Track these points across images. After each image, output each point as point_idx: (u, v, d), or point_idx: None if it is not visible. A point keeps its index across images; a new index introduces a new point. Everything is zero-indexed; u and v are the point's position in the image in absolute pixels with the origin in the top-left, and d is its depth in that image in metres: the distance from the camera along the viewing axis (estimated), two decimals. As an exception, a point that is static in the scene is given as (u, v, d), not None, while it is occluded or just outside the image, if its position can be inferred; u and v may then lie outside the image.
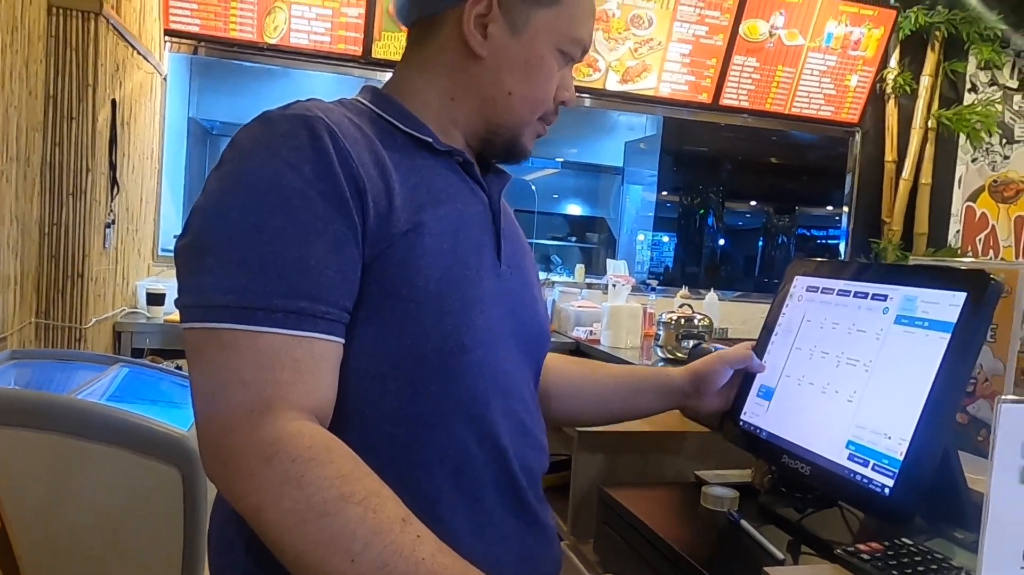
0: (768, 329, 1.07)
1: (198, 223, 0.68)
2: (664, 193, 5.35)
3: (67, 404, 1.70)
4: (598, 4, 3.74)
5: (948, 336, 0.79)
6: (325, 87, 4.28)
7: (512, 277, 0.84)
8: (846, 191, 4.50)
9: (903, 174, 4.31)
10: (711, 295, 3.35)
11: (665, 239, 5.55)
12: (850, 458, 0.85)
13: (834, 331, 0.95)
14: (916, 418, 0.78)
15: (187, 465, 1.69)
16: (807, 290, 1.03)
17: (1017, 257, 4.58)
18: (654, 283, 3.88)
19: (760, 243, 5.69)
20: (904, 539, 0.80)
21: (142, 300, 2.98)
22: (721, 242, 5.66)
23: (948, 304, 0.81)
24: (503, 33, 0.80)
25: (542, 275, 4.33)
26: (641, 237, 5.39)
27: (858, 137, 4.40)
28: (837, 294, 0.97)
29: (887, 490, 0.79)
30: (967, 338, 0.78)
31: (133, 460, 1.68)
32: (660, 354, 2.89)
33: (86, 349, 2.48)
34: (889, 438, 0.81)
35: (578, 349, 3.34)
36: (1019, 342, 1.05)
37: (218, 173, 0.70)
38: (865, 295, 0.92)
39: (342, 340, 0.69)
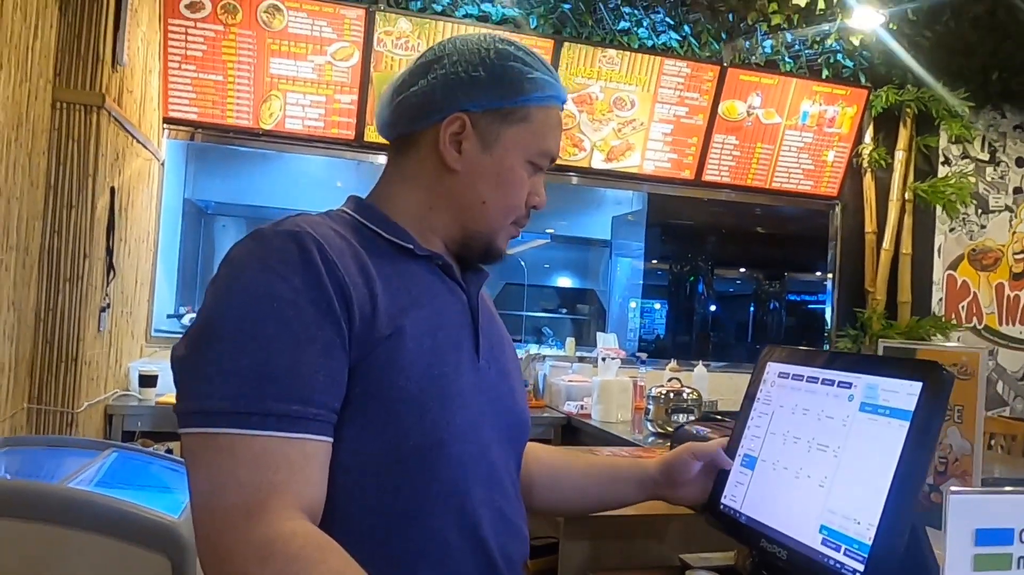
0: (744, 412, 1.10)
1: (196, 333, 0.73)
2: (654, 261, 5.44)
3: (56, 493, 1.70)
4: (582, 88, 3.90)
5: (907, 424, 0.83)
6: (318, 169, 4.41)
7: (491, 370, 0.89)
8: (829, 261, 4.60)
9: (883, 244, 4.42)
10: (699, 368, 3.39)
11: (656, 306, 5.60)
12: (823, 543, 0.88)
13: (804, 417, 0.99)
14: (882, 504, 0.82)
15: (177, 553, 1.68)
16: (779, 376, 1.07)
17: (1000, 323, 4.66)
18: (644, 356, 3.91)
19: (751, 309, 5.76)
20: (874, 624, 0.82)
21: (135, 382, 3.00)
22: (712, 308, 5.71)
23: (906, 393, 0.85)
24: (476, 149, 0.87)
25: (533, 348, 4.37)
26: (633, 304, 5.45)
27: (838, 210, 4.52)
28: (807, 381, 1.02)
29: (857, 574, 0.81)
30: (925, 426, 0.82)
31: (123, 549, 1.67)
32: (650, 428, 2.91)
33: (78, 433, 2.49)
34: (858, 523, 0.84)
35: (569, 424, 3.35)
36: (984, 422, 1.09)
37: (214, 286, 0.75)
38: (832, 382, 0.97)
39: (331, 439, 0.73)
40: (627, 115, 4.01)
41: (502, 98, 0.87)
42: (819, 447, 0.94)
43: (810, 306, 4.88)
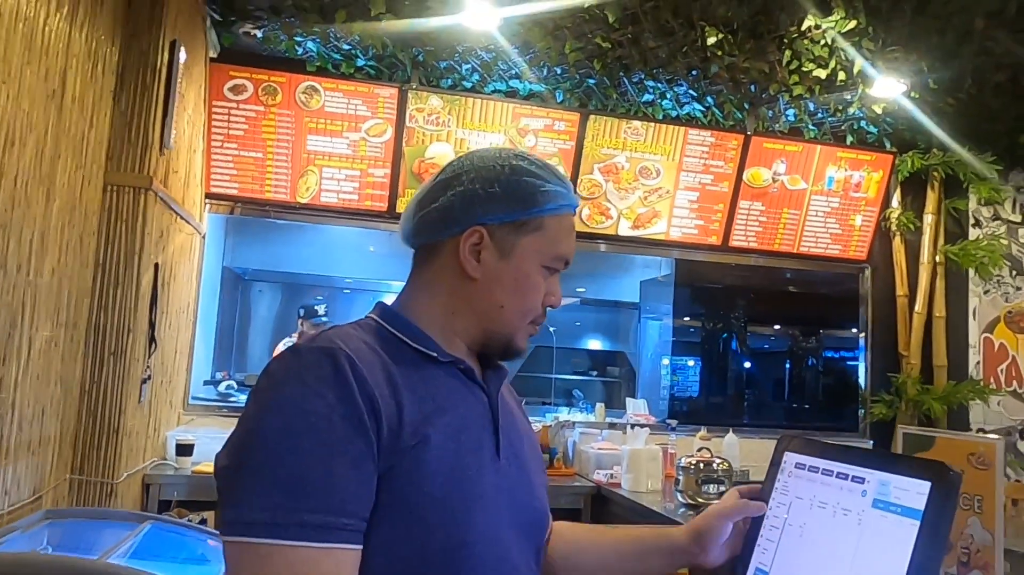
0: (764, 500, 1.12)
1: (238, 445, 0.79)
2: (686, 319, 5.42)
3: (96, 568, 1.75)
4: (608, 159, 3.99)
5: (918, 523, 0.85)
6: (352, 235, 4.53)
7: (511, 468, 0.92)
8: (860, 324, 4.56)
9: (916, 307, 4.39)
10: (730, 436, 3.36)
11: (690, 363, 5.55)
12: (840, 640, 0.88)
13: (822, 510, 1.01)
14: (896, 604, 0.83)
15: (208, 628, 1.72)
16: (796, 467, 1.09)
17: (1042, 387, 4.54)
18: (674, 423, 3.89)
19: (787, 365, 5.68)
20: None
21: (171, 451, 3.07)
22: (747, 365, 5.63)
23: (916, 492, 0.87)
24: (493, 258, 0.93)
25: (564, 413, 4.37)
26: (665, 362, 5.41)
27: (868, 273, 4.51)
28: (822, 473, 1.03)
29: (874, 677, 0.82)
30: (934, 526, 0.83)
31: (156, 625, 1.71)
32: (681, 499, 2.88)
33: (116, 503, 2.55)
34: (874, 622, 0.85)
35: (599, 493, 3.33)
36: (1003, 512, 1.09)
37: (255, 399, 0.81)
38: (847, 477, 0.99)
39: (360, 546, 0.78)
40: (653, 183, 4.08)
41: (517, 211, 0.93)
42: (834, 542, 0.96)
43: (848, 363, 4.80)
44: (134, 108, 2.67)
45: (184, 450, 3.05)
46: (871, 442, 4.40)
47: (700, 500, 2.79)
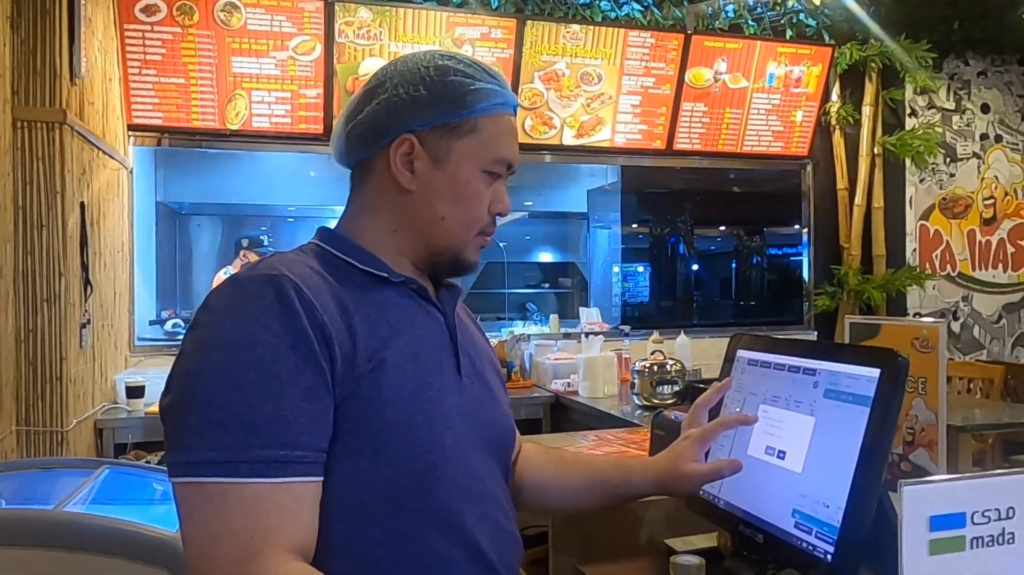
0: (719, 400, 1.14)
1: (179, 384, 0.75)
2: (633, 226, 5.45)
3: (52, 518, 1.72)
4: (548, 66, 3.89)
5: (868, 409, 0.87)
6: (291, 161, 4.38)
7: (474, 387, 0.91)
8: (803, 219, 4.65)
9: (856, 200, 4.48)
10: (681, 337, 3.44)
11: (640, 269, 5.61)
12: (796, 527, 0.92)
13: (775, 403, 1.03)
14: (848, 488, 0.85)
15: (177, 565, 1.71)
16: (749, 364, 1.11)
17: (973, 269, 4.74)
18: (627, 329, 3.95)
19: (733, 265, 5.80)
20: (846, 603, 0.86)
21: (122, 394, 3.00)
22: (695, 267, 5.73)
23: (866, 380, 0.88)
24: (428, 167, 0.88)
25: (518, 327, 4.40)
26: (616, 270, 5.48)
27: (809, 168, 4.56)
28: (774, 368, 1.05)
29: (829, 556, 0.85)
30: (884, 410, 0.85)
31: (124, 567, 1.70)
32: (637, 401, 2.96)
33: (69, 451, 2.50)
34: (827, 507, 0.88)
35: (558, 402, 3.39)
36: (946, 393, 1.13)
37: (194, 334, 0.77)
38: (798, 370, 1.00)
39: (320, 478, 0.76)
40: (595, 89, 4.00)
41: (447, 114, 0.87)
42: (789, 433, 0.98)
43: (792, 259, 4.92)
44: (36, 35, 2.47)
45: (135, 392, 2.99)
46: (815, 333, 4.56)
47: (655, 401, 2.87)
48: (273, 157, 4.25)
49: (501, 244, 5.52)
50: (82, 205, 2.68)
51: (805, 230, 4.66)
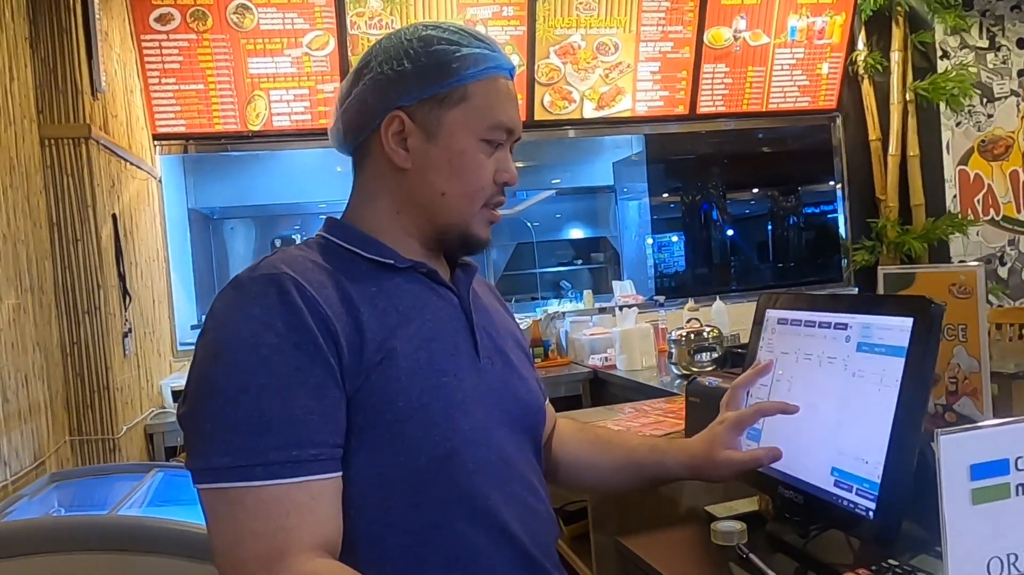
0: (749, 362, 1.12)
1: (191, 392, 0.76)
2: (664, 195, 5.37)
3: (108, 522, 1.77)
4: (562, 39, 3.84)
5: (903, 359, 0.84)
6: (315, 158, 4.40)
7: (494, 366, 0.90)
8: (836, 175, 4.54)
9: (890, 150, 4.35)
10: (717, 303, 3.39)
11: (674, 239, 5.53)
12: (836, 484, 0.90)
13: (808, 362, 1.00)
14: (886, 442, 0.83)
15: (231, 561, 1.75)
16: (778, 323, 1.08)
17: (1019, 211, 4.58)
18: (661, 299, 3.91)
19: (769, 227, 5.69)
20: (891, 561, 0.84)
21: (168, 399, 3.07)
22: (730, 233, 5.63)
23: (899, 329, 0.86)
24: (420, 142, 0.85)
25: (553, 306, 4.39)
26: (649, 241, 5.41)
27: (839, 121, 4.44)
28: (804, 325, 1.02)
29: (870, 513, 0.83)
30: (919, 360, 0.82)
31: (178, 565, 1.74)
32: (675, 371, 2.93)
33: (121, 458, 2.56)
34: (866, 463, 0.86)
35: (596, 377, 3.38)
36: (987, 338, 1.09)
37: (203, 341, 0.77)
38: (829, 325, 0.98)
39: (338, 473, 0.76)
40: (612, 59, 3.94)
41: (433, 84, 0.84)
42: (824, 390, 0.96)
43: (828, 216, 4.80)
44: (55, 53, 2.51)
45: (180, 396, 3.05)
46: (856, 289, 4.46)
47: (694, 370, 2.83)
48: (297, 155, 4.29)
49: (531, 224, 5.50)
50: (114, 217, 2.73)
51: (839, 185, 4.55)
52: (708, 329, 2.90)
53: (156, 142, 3.53)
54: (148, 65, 3.41)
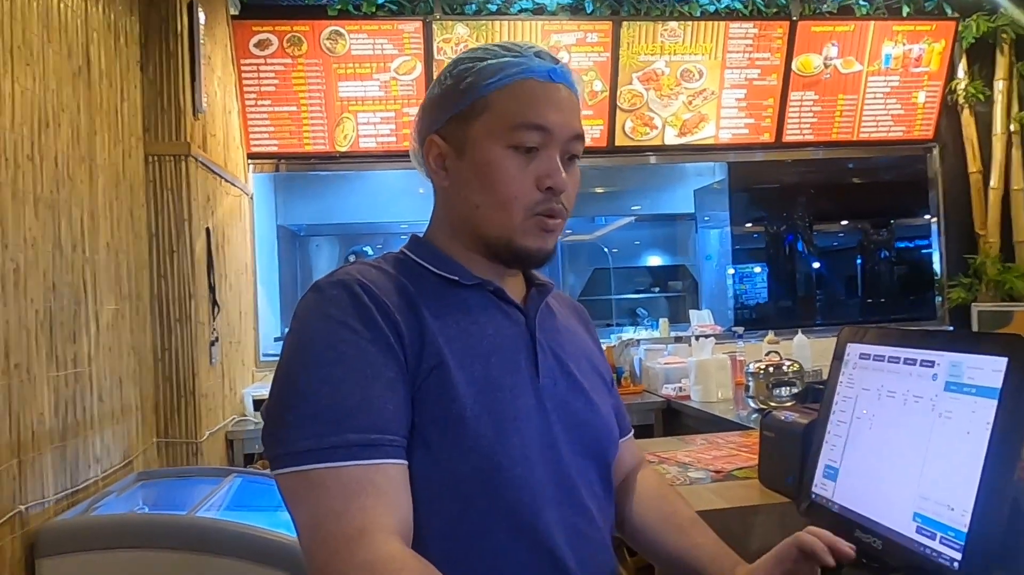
0: (828, 398, 1.07)
1: (276, 388, 0.80)
2: (748, 225, 5.25)
3: (187, 523, 1.84)
4: (646, 66, 3.83)
5: (996, 402, 0.79)
6: (399, 179, 4.52)
7: (556, 387, 0.89)
8: (932, 208, 4.34)
9: (991, 183, 4.13)
10: (799, 337, 3.28)
11: (756, 270, 5.39)
12: (918, 531, 0.84)
13: (891, 400, 0.95)
14: (975, 488, 0.78)
15: (298, 569, 1.79)
16: (860, 357, 1.04)
17: None
18: (740, 330, 3.82)
19: (858, 261, 5.47)
20: (977, 615, 0.79)
21: (249, 407, 3.18)
22: (816, 265, 5.44)
23: (991, 369, 0.81)
24: (453, 160, 0.88)
25: (628, 333, 4.34)
26: (731, 271, 5.29)
27: (936, 152, 4.26)
28: (888, 361, 0.98)
29: (956, 563, 0.78)
30: (1014, 402, 0.77)
31: (250, 569, 1.80)
32: (752, 405, 2.84)
33: (203, 461, 2.67)
34: (952, 509, 0.81)
35: (669, 407, 3.31)
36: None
37: (287, 342, 0.82)
38: (914, 362, 0.93)
39: (406, 462, 0.78)
40: (696, 86, 3.91)
41: (456, 103, 0.87)
42: (907, 430, 0.91)
43: (922, 250, 4.58)
44: (162, 75, 2.68)
45: (261, 405, 3.15)
46: (950, 328, 4.23)
47: (772, 404, 2.74)
48: (382, 176, 4.41)
49: (608, 250, 5.47)
50: (208, 231, 2.87)
51: (934, 219, 4.34)
52: (788, 363, 2.80)
53: (250, 160, 3.70)
54: (246, 88, 3.59)
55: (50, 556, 1.79)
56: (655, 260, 6.14)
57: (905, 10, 4.02)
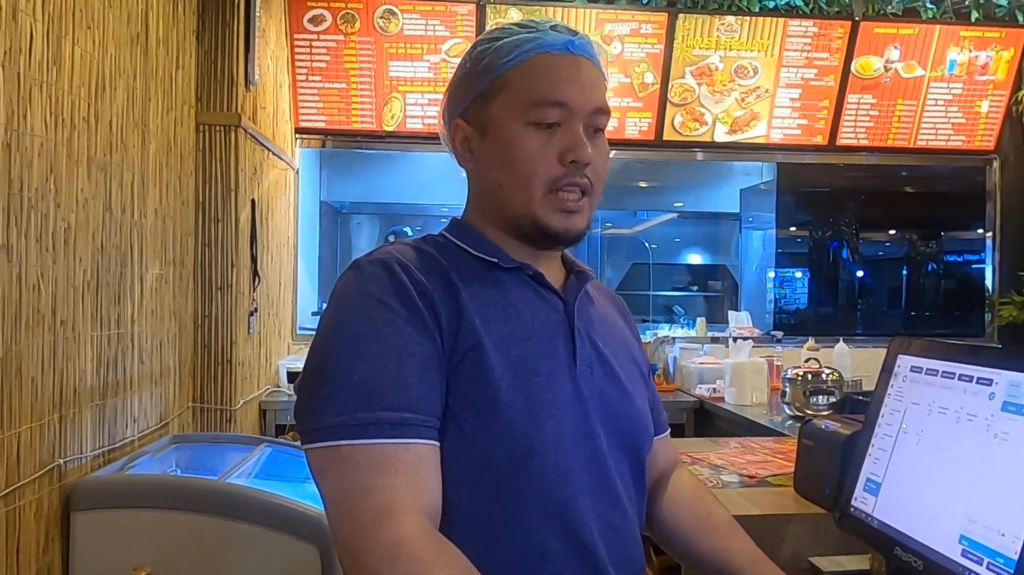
0: (875, 410, 1.04)
1: (312, 362, 0.80)
2: (792, 229, 5.14)
3: (218, 488, 1.87)
4: (699, 60, 3.76)
5: (1058, 427, 0.75)
6: (443, 161, 4.51)
7: (593, 375, 0.87)
8: (987, 222, 4.20)
9: (1053, 200, 3.99)
10: (840, 346, 3.21)
11: (797, 275, 5.28)
12: (963, 554, 0.81)
13: (943, 416, 0.92)
14: (1029, 515, 0.75)
15: (324, 542, 1.81)
16: (911, 370, 1.00)
17: None
18: (779, 334, 3.75)
19: (904, 272, 5.33)
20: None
21: (284, 378, 3.22)
22: (860, 274, 5.31)
23: (1055, 392, 0.77)
24: (478, 142, 0.88)
25: (663, 330, 4.29)
26: (772, 274, 5.20)
27: (996, 165, 4.12)
28: (942, 376, 0.94)
29: (1003, 592, 0.75)
30: (1078, 430, 0.74)
31: (276, 538, 1.82)
32: (788, 411, 2.79)
33: (236, 428, 2.71)
34: (1003, 535, 0.77)
35: (702, 407, 3.27)
36: None
37: (324, 317, 0.82)
38: (970, 378, 0.89)
39: (438, 443, 0.78)
40: (750, 83, 3.83)
41: (476, 84, 0.87)
42: (958, 449, 0.88)
43: (973, 265, 4.44)
44: (217, 46, 2.70)
45: (295, 377, 3.18)
46: (1000, 347, 4.10)
47: (808, 412, 2.69)
48: (426, 157, 4.40)
49: (649, 245, 5.41)
50: (253, 202, 2.90)
51: (989, 233, 4.21)
52: (828, 371, 2.75)
53: (297, 135, 3.72)
54: (298, 62, 3.61)
55: (84, 510, 1.83)
56: (695, 258, 6.05)
57: (973, 15, 3.88)
